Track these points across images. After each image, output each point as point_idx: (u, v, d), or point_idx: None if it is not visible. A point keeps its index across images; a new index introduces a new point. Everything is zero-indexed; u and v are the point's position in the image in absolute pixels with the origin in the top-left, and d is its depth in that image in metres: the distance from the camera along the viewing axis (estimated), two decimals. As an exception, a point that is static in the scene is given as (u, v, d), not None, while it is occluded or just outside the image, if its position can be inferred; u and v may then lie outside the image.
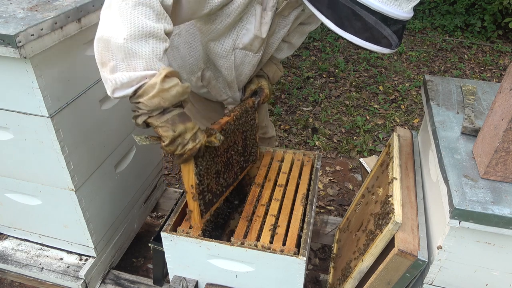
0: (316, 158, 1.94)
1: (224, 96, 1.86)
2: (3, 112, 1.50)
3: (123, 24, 1.12)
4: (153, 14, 1.16)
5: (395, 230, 1.39)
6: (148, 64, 1.16)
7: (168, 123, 1.24)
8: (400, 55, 5.19)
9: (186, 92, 1.25)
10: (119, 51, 1.14)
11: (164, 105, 1.21)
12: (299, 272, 1.46)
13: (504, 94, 1.29)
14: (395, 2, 1.21)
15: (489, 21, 5.64)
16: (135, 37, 1.13)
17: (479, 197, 1.22)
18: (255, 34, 1.53)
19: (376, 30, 1.26)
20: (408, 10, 1.25)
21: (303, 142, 3.62)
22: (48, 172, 1.63)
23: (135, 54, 1.14)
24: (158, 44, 1.17)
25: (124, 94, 1.19)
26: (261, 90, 1.86)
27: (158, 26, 1.16)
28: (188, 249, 1.54)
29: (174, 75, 1.21)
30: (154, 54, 1.17)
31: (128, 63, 1.15)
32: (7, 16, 1.35)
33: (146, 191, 2.30)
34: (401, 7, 1.23)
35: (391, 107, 4.12)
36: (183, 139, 1.28)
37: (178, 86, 1.21)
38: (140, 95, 1.19)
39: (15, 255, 1.95)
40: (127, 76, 1.16)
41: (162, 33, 1.17)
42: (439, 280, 1.39)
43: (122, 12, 1.12)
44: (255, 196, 1.72)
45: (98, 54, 1.18)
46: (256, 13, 1.48)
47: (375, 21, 1.25)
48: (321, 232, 2.28)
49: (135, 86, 1.18)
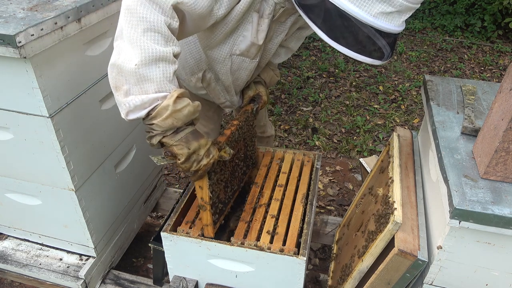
0: (316, 158, 1.94)
1: (222, 100, 1.87)
2: (3, 112, 1.50)
3: (133, 51, 1.18)
4: (162, 38, 1.21)
5: (395, 230, 1.39)
6: (159, 86, 1.22)
7: (182, 141, 1.29)
8: (400, 55, 5.19)
9: (197, 111, 1.30)
10: (131, 76, 1.19)
11: (177, 124, 1.26)
12: (299, 272, 1.46)
13: (504, 94, 1.29)
14: (387, 17, 1.23)
15: (489, 21, 5.64)
16: (145, 63, 1.18)
17: (479, 197, 1.22)
18: (252, 41, 1.55)
19: (367, 42, 1.28)
20: (400, 24, 1.27)
21: (303, 142, 3.62)
22: (48, 172, 1.63)
23: (147, 78, 1.20)
24: (167, 67, 1.22)
25: (138, 116, 1.25)
26: (259, 97, 1.90)
27: (166, 49, 1.21)
28: (188, 249, 1.54)
29: (184, 96, 1.26)
30: (165, 77, 1.22)
31: (140, 87, 1.21)
32: (7, 16, 1.35)
33: (146, 191, 2.30)
34: (392, 21, 1.25)
35: (391, 107, 4.12)
36: (197, 156, 1.32)
37: (189, 106, 1.26)
38: (154, 117, 1.24)
39: (15, 255, 1.95)
40: (139, 99, 1.21)
41: (171, 56, 1.22)
42: (439, 280, 1.39)
43: (132, 39, 1.18)
44: (255, 196, 1.72)
45: (112, 79, 1.25)
46: (253, 20, 1.50)
47: (366, 34, 1.27)
48: (321, 232, 2.28)
49: (148, 108, 1.23)
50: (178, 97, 1.24)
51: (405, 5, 1.22)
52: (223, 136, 1.60)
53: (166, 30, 1.22)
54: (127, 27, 1.19)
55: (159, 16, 1.20)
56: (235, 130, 1.67)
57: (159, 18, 1.20)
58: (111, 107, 1.80)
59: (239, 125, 1.70)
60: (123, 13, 1.21)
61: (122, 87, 1.23)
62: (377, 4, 1.20)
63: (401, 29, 1.29)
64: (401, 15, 1.25)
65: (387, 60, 1.35)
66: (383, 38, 1.29)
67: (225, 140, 1.57)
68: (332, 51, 5.12)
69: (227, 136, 1.60)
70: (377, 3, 1.20)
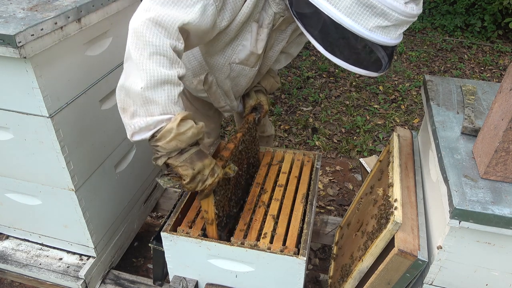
0: (316, 158, 1.94)
1: (222, 103, 1.87)
2: (3, 112, 1.50)
3: (139, 74, 1.21)
4: (167, 61, 1.23)
5: (395, 230, 1.39)
6: (164, 109, 1.24)
7: (187, 162, 1.31)
8: (400, 55, 5.19)
9: (201, 132, 1.32)
10: (138, 98, 1.23)
11: (181, 146, 1.28)
12: (299, 272, 1.46)
13: (504, 94, 1.29)
14: (383, 30, 1.23)
15: (489, 21, 5.64)
16: (151, 86, 1.21)
17: (479, 197, 1.22)
18: (251, 50, 1.56)
19: (363, 55, 1.29)
20: (396, 36, 1.27)
21: (303, 142, 3.62)
22: (48, 172, 1.63)
23: (152, 100, 1.22)
24: (172, 90, 1.25)
25: (143, 137, 1.28)
26: (261, 106, 1.93)
27: (171, 72, 1.23)
28: (188, 249, 1.54)
29: (188, 118, 1.28)
30: (170, 100, 1.24)
31: (146, 109, 1.24)
32: (7, 16, 1.35)
33: (146, 191, 2.30)
34: (388, 34, 1.25)
35: (391, 107, 4.12)
36: (202, 176, 1.34)
37: (193, 128, 1.28)
38: (158, 139, 1.26)
39: (15, 255, 1.95)
40: (144, 121, 1.24)
41: (175, 79, 1.25)
42: (439, 280, 1.39)
43: (138, 63, 1.21)
44: (255, 196, 1.72)
45: (120, 101, 1.29)
46: (252, 30, 1.51)
47: (363, 47, 1.27)
48: (321, 232, 2.28)
49: (153, 130, 1.26)
50: (182, 119, 1.26)
51: (401, 19, 1.22)
52: (227, 150, 1.63)
53: (172, 53, 1.24)
54: (134, 50, 1.22)
55: (164, 40, 1.22)
56: (238, 143, 1.70)
57: (165, 41, 1.22)
58: (111, 107, 1.80)
59: (242, 137, 1.74)
60: (130, 36, 1.24)
61: (129, 109, 1.26)
62: (373, 18, 1.20)
63: (398, 41, 1.29)
64: (398, 28, 1.25)
65: (383, 71, 1.36)
66: (379, 50, 1.30)
67: (229, 155, 1.60)
68: (332, 51, 5.11)
69: (230, 150, 1.64)
70: (373, 18, 1.20)
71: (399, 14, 1.20)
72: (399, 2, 1.19)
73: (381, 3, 1.17)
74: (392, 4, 1.18)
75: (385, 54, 1.32)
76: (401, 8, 1.19)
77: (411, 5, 1.22)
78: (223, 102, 1.87)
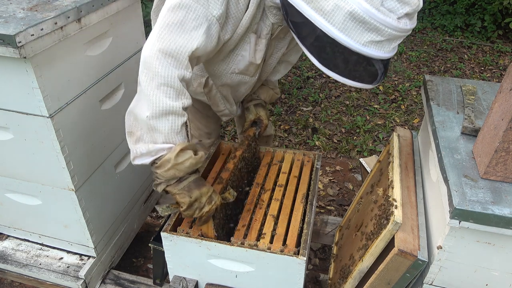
0: (316, 158, 1.94)
1: (221, 107, 1.88)
2: (3, 112, 1.50)
3: (146, 103, 1.28)
4: (174, 92, 1.29)
5: (395, 230, 1.39)
6: (166, 138, 1.31)
7: (185, 190, 1.35)
8: (400, 55, 5.19)
9: (199, 162, 1.36)
10: (144, 125, 1.31)
11: (179, 175, 1.33)
12: (299, 272, 1.46)
13: (504, 94, 1.29)
14: (376, 45, 1.23)
15: (489, 21, 5.64)
16: (156, 116, 1.28)
17: (479, 197, 1.22)
18: (250, 60, 1.57)
19: (357, 68, 1.30)
20: (390, 50, 1.27)
21: (303, 142, 3.62)
22: (48, 172, 1.63)
23: (156, 129, 1.30)
24: (176, 120, 1.31)
25: (143, 162, 1.35)
26: (260, 121, 1.96)
27: (176, 104, 1.29)
28: (188, 249, 1.54)
29: (188, 148, 1.32)
30: (172, 130, 1.31)
31: (151, 135, 1.31)
32: (7, 16, 1.35)
33: (146, 191, 2.30)
34: (382, 48, 1.25)
35: (391, 107, 4.12)
36: (199, 203, 1.38)
37: (191, 158, 1.32)
38: (158, 166, 1.32)
39: (15, 255, 1.95)
40: (146, 148, 1.32)
41: (180, 110, 1.31)
42: (439, 280, 1.39)
43: (147, 92, 1.28)
44: (255, 196, 1.72)
45: (129, 125, 1.37)
46: (250, 41, 1.52)
47: (356, 61, 1.28)
48: (321, 232, 2.28)
49: (154, 156, 1.32)
50: (181, 150, 1.30)
51: (394, 34, 1.22)
52: (226, 171, 1.67)
53: (179, 84, 1.29)
54: (144, 79, 1.29)
55: (173, 71, 1.28)
56: (238, 162, 1.74)
57: (173, 72, 1.28)
58: (111, 107, 1.81)
59: (242, 155, 1.77)
60: (142, 65, 1.30)
61: (136, 133, 1.35)
62: (366, 33, 1.21)
63: (392, 54, 1.29)
64: (391, 42, 1.25)
65: (378, 83, 1.37)
66: (373, 63, 1.30)
67: (228, 176, 1.64)
68: (332, 51, 5.11)
69: (230, 171, 1.67)
70: (366, 33, 1.20)
71: (392, 30, 1.20)
72: (392, 18, 1.19)
73: (373, 19, 1.17)
74: (385, 20, 1.18)
75: (379, 67, 1.32)
76: (394, 23, 1.19)
77: (404, 20, 1.21)
78: (222, 106, 1.87)
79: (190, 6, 1.28)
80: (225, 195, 1.51)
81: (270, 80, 1.97)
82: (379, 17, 1.17)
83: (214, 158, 1.96)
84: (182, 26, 1.28)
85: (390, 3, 1.19)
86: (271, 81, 1.98)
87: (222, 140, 2.09)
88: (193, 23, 1.29)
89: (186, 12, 1.28)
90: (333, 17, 1.20)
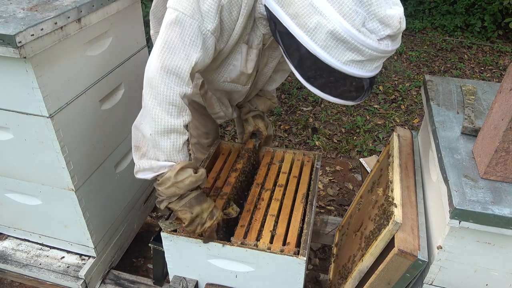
0: (316, 158, 1.94)
1: (216, 109, 1.88)
2: (3, 112, 1.50)
3: (150, 121, 1.33)
4: (176, 110, 1.33)
5: (395, 230, 1.39)
6: (168, 156, 1.36)
7: (186, 206, 1.39)
8: (400, 55, 5.19)
9: (199, 180, 1.39)
10: (149, 141, 1.36)
11: (180, 192, 1.37)
12: (299, 272, 1.46)
13: (504, 94, 1.29)
14: (358, 64, 1.23)
15: (489, 21, 5.64)
16: (158, 133, 1.33)
17: (479, 197, 1.22)
18: (241, 70, 1.58)
19: (339, 86, 1.30)
20: (372, 69, 1.27)
21: (303, 142, 3.62)
22: (48, 172, 1.63)
23: (159, 146, 1.35)
24: (178, 138, 1.35)
25: (145, 177, 1.40)
26: (259, 132, 1.98)
27: (178, 122, 1.34)
28: (188, 249, 1.54)
29: (188, 167, 1.36)
30: (174, 148, 1.35)
31: (155, 151, 1.37)
32: (7, 16, 1.35)
33: (146, 191, 2.30)
34: (364, 68, 1.25)
35: (391, 107, 4.12)
36: (201, 219, 1.41)
37: (191, 177, 1.36)
38: (159, 184, 1.37)
39: (15, 255, 1.95)
40: (149, 164, 1.37)
41: (181, 128, 1.35)
42: (439, 280, 1.39)
43: (150, 110, 1.32)
44: (255, 196, 1.72)
45: (136, 139, 1.41)
46: (242, 51, 1.53)
47: (339, 78, 1.28)
48: (321, 232, 2.28)
49: (155, 173, 1.37)
50: (181, 169, 1.35)
51: (375, 55, 1.21)
52: (228, 186, 1.69)
53: (180, 102, 1.33)
54: (147, 97, 1.33)
55: (175, 89, 1.31)
56: (238, 175, 1.77)
57: (175, 90, 1.31)
58: (111, 107, 1.81)
59: (242, 168, 1.81)
60: (145, 83, 1.34)
61: (142, 149, 1.39)
62: (348, 52, 1.21)
63: (374, 73, 1.29)
64: (373, 62, 1.25)
65: (361, 100, 1.37)
66: (355, 82, 1.29)
67: (230, 190, 1.67)
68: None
69: (232, 185, 1.70)
70: (348, 52, 1.21)
71: (373, 51, 1.20)
72: (373, 39, 1.18)
73: (354, 39, 1.18)
74: (365, 41, 1.18)
75: (361, 85, 1.32)
76: (374, 45, 1.19)
77: (385, 42, 1.21)
78: (217, 108, 1.87)
79: (185, 22, 1.30)
80: (228, 210, 1.53)
81: (267, 90, 1.97)
82: (360, 38, 1.17)
83: (214, 158, 1.96)
84: (179, 43, 1.31)
85: (372, 25, 1.18)
86: (268, 91, 1.99)
87: (222, 140, 2.09)
88: (190, 39, 1.31)
89: (183, 29, 1.30)
90: (315, 35, 1.21)
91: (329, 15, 1.16)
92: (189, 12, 1.29)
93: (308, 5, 1.19)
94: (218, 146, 2.03)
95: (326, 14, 1.17)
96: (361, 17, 1.16)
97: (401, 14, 1.21)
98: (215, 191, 1.71)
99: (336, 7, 1.16)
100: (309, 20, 1.20)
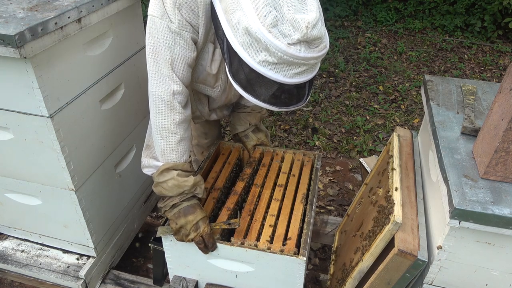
0: (316, 158, 1.94)
1: (193, 108, 1.85)
2: (3, 112, 1.50)
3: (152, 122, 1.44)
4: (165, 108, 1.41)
5: (395, 230, 1.39)
6: (162, 154, 1.46)
7: (174, 216, 1.45)
8: (400, 55, 5.19)
9: (183, 186, 1.43)
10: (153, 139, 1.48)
11: (168, 194, 1.44)
12: (299, 272, 1.46)
13: (504, 94, 1.29)
14: (273, 66, 1.22)
15: (489, 21, 5.64)
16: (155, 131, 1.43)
17: (479, 197, 1.22)
18: (206, 70, 1.57)
19: (259, 88, 1.29)
20: (291, 75, 1.24)
21: (303, 142, 3.62)
22: (48, 172, 1.63)
23: (156, 145, 1.45)
24: (169, 137, 1.43)
25: (147, 173, 1.53)
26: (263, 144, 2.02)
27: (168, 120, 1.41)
28: (188, 249, 1.54)
29: (174, 169, 1.43)
30: (167, 146, 1.44)
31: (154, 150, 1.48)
32: (7, 16, 1.35)
33: (146, 191, 2.30)
34: (280, 72, 1.23)
35: (391, 107, 4.12)
36: (185, 230, 1.45)
37: (172, 179, 1.41)
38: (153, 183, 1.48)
39: (15, 255, 1.95)
40: (147, 161, 1.50)
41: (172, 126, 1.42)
42: (439, 280, 1.39)
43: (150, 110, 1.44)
44: (255, 196, 1.72)
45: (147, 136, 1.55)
46: (208, 50, 1.53)
47: (258, 79, 1.27)
48: (321, 232, 2.28)
49: (151, 171, 1.50)
50: (167, 169, 1.42)
51: (286, 58, 1.19)
52: (235, 195, 1.72)
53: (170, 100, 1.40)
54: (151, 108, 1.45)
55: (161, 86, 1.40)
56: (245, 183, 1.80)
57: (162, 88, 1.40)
58: (111, 107, 1.81)
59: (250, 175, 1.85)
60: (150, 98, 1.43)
61: (151, 148, 1.51)
62: (261, 52, 1.21)
63: (295, 81, 1.26)
64: (291, 67, 1.22)
65: (288, 108, 1.35)
66: (277, 86, 1.27)
67: (237, 199, 1.69)
68: (332, 51, 5.12)
69: (238, 194, 1.72)
70: (262, 52, 1.21)
71: (282, 53, 1.18)
72: (282, 42, 1.17)
73: (263, 39, 1.18)
74: (273, 41, 1.17)
75: (285, 91, 1.29)
76: (283, 48, 1.17)
77: (297, 46, 1.19)
78: (193, 107, 1.84)
79: (157, 24, 1.36)
80: (232, 220, 1.51)
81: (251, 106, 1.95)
82: (268, 37, 1.17)
83: (214, 158, 1.96)
84: (158, 45, 1.37)
85: (285, 27, 1.18)
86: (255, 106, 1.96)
87: (222, 140, 2.09)
88: (163, 40, 1.37)
89: (156, 32, 1.36)
90: (236, 31, 1.23)
91: (247, 12, 1.19)
92: (158, 14, 1.35)
93: (236, 1, 1.22)
94: (218, 146, 2.03)
95: (246, 11, 1.19)
96: (273, 17, 1.16)
97: (311, 19, 1.17)
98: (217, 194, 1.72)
99: (254, 5, 1.18)
100: (233, 16, 1.23)
